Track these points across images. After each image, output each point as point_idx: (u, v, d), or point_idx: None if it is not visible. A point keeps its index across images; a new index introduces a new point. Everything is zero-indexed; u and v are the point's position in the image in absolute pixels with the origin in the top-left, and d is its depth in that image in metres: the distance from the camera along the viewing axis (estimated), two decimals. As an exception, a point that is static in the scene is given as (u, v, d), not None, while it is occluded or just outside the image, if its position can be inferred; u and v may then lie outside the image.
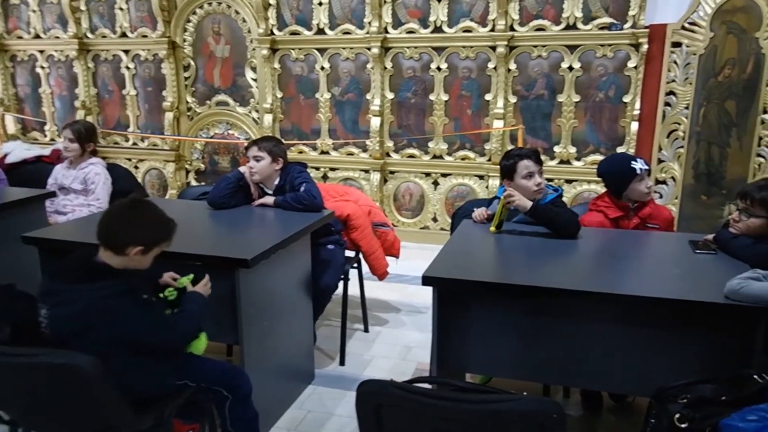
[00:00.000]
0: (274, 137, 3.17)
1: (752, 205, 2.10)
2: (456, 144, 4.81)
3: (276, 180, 2.92)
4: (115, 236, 1.76)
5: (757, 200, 2.07)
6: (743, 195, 2.12)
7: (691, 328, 1.90)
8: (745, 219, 2.13)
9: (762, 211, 2.07)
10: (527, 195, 2.53)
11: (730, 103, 3.87)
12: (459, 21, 4.53)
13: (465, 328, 2.10)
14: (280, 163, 2.90)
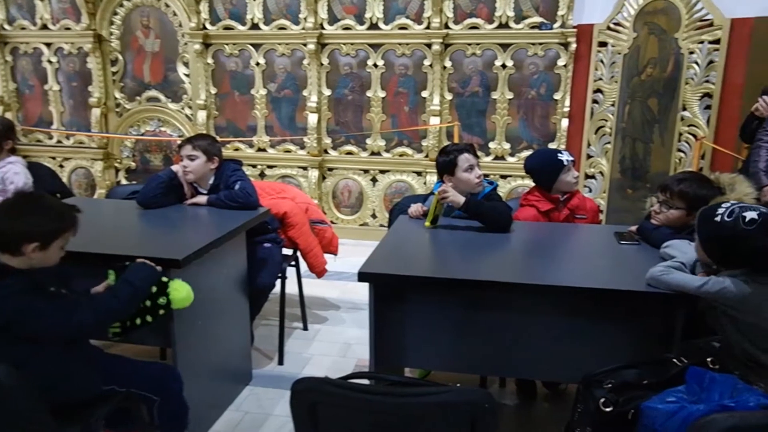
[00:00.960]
0: (209, 135, 3.08)
1: (671, 198, 2.21)
2: (394, 140, 4.83)
3: (211, 179, 2.85)
4: (4, 236, 1.66)
5: (676, 193, 2.17)
6: (663, 188, 2.23)
7: (616, 316, 1.98)
8: (665, 211, 2.23)
9: (681, 203, 2.18)
10: (469, 188, 2.58)
11: (652, 100, 4.05)
12: (394, 18, 4.54)
13: (402, 323, 2.12)
14: (215, 162, 2.83)
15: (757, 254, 1.63)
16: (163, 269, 1.98)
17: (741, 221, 1.64)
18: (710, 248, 1.75)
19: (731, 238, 1.65)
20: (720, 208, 1.72)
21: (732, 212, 1.68)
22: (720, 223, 1.68)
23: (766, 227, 1.62)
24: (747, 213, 1.65)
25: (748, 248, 1.64)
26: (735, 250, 1.66)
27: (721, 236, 1.68)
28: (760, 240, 1.61)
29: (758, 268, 1.64)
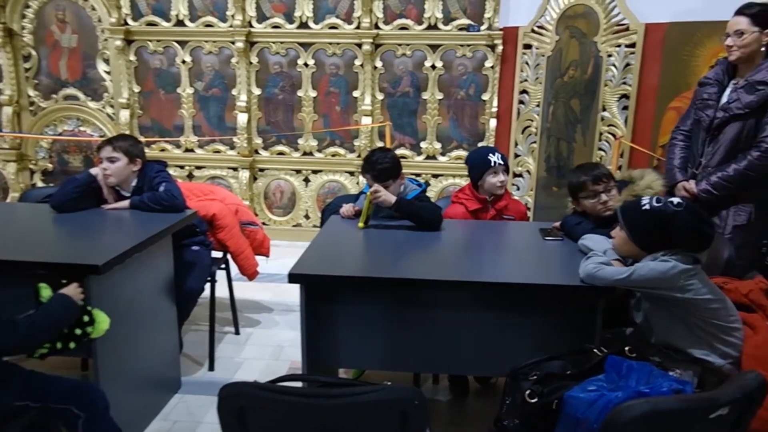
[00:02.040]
0: (130, 135, 2.95)
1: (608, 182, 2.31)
2: (326, 140, 4.80)
3: (133, 181, 2.73)
4: None
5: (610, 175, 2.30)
6: (597, 179, 2.31)
7: (542, 309, 2.04)
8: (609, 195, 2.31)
9: (612, 182, 2.31)
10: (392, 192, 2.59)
11: (574, 101, 4.21)
12: (324, 17, 4.52)
13: (334, 323, 2.11)
14: (138, 164, 2.71)
15: (684, 233, 1.77)
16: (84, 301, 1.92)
17: (668, 204, 1.79)
18: (640, 235, 1.84)
19: (662, 220, 1.79)
20: (644, 199, 1.86)
21: (659, 200, 1.83)
22: (650, 210, 1.81)
23: (690, 209, 1.78)
24: (673, 198, 1.82)
25: (677, 228, 1.77)
26: (665, 231, 1.79)
27: (652, 220, 1.80)
28: (687, 218, 1.76)
29: (684, 247, 1.77)
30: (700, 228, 1.78)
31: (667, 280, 1.74)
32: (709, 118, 2.57)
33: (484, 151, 2.75)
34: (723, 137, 2.53)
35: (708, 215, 1.81)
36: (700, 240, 1.79)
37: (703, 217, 1.81)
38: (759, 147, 2.46)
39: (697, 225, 1.77)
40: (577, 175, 2.37)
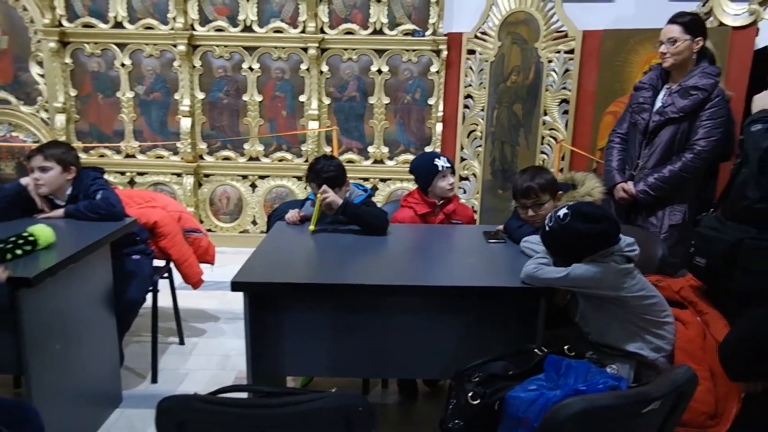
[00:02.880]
0: (62, 142, 2.83)
1: (538, 195, 2.35)
2: (272, 145, 4.75)
3: (68, 190, 2.62)
4: None
5: (539, 188, 2.32)
6: (525, 193, 2.34)
7: (486, 311, 2.06)
8: (537, 210, 2.37)
9: (546, 196, 2.33)
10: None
11: (517, 106, 4.31)
12: (269, 21, 4.47)
13: (280, 330, 2.08)
14: (72, 171, 2.60)
15: (580, 239, 1.83)
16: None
17: (558, 219, 1.86)
18: (557, 253, 1.94)
19: (560, 237, 1.87)
20: (546, 219, 1.95)
21: (551, 218, 1.91)
22: (549, 231, 1.91)
23: (575, 215, 1.84)
24: (560, 212, 1.88)
25: (573, 238, 1.84)
26: (569, 245, 1.87)
27: (555, 239, 1.90)
28: (575, 225, 1.83)
29: (593, 251, 1.83)
30: (589, 231, 1.81)
31: (601, 279, 1.80)
32: (645, 121, 2.67)
33: (429, 157, 2.78)
34: (658, 140, 2.64)
35: (596, 214, 1.84)
36: (595, 241, 1.83)
37: (590, 218, 1.83)
38: (692, 149, 2.57)
39: (585, 229, 1.81)
40: (516, 181, 2.41)
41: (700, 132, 2.55)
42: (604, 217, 1.87)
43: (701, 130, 2.54)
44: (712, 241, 1.87)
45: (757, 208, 1.88)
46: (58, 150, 2.58)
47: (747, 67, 3.47)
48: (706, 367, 1.80)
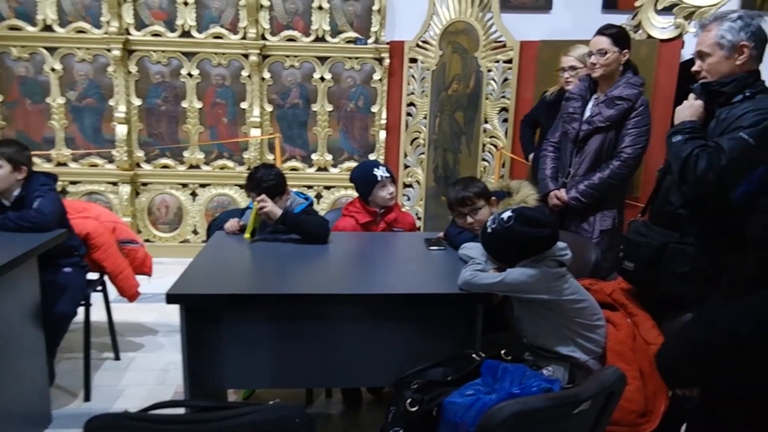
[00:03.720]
0: (15, 141, 2.71)
1: (474, 202, 2.39)
2: (213, 153, 4.66)
3: (16, 191, 2.54)
4: None
5: (474, 196, 2.37)
6: (461, 202, 2.39)
7: (427, 317, 2.08)
8: (475, 216, 2.42)
9: (481, 201, 2.38)
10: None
11: (459, 114, 4.38)
12: (208, 26, 4.40)
13: (219, 343, 2.03)
14: (23, 172, 2.54)
15: (522, 242, 1.88)
16: None
17: (501, 222, 1.91)
18: (496, 255, 1.98)
19: (502, 239, 1.91)
20: (488, 221, 1.98)
21: (494, 220, 1.94)
22: (492, 233, 1.94)
23: (519, 218, 1.89)
24: (503, 215, 1.92)
25: (514, 241, 1.88)
26: (510, 248, 1.91)
27: (497, 239, 1.93)
28: (518, 228, 1.87)
29: (532, 254, 1.88)
30: (532, 235, 1.87)
31: (535, 283, 1.85)
32: (575, 130, 2.77)
33: (368, 167, 2.78)
34: (588, 148, 2.74)
35: (540, 219, 1.90)
36: (537, 244, 1.89)
37: (534, 223, 1.89)
38: (619, 157, 2.68)
39: (529, 233, 1.86)
40: (449, 193, 2.46)
41: (626, 140, 2.66)
42: (547, 222, 1.92)
43: (627, 138, 2.66)
44: (640, 246, 1.94)
45: (679, 213, 1.97)
46: (10, 149, 2.52)
47: (674, 78, 3.64)
48: (635, 367, 1.87)
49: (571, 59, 3.13)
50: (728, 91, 1.93)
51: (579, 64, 3.08)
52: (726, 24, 1.94)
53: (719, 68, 1.97)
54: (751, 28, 1.92)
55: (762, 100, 1.88)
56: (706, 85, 1.99)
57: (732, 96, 1.92)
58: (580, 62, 3.08)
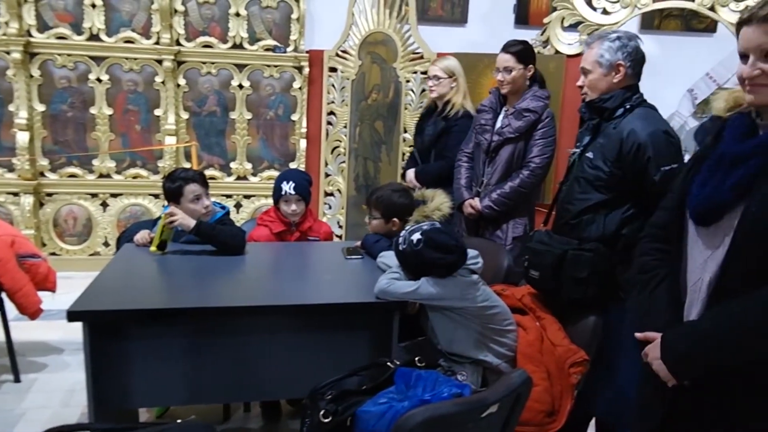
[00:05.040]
0: None
1: (371, 208, 2.45)
2: (126, 161, 4.48)
3: None
4: None
5: (373, 202, 2.43)
6: (367, 202, 2.48)
7: (344, 327, 2.09)
8: (369, 222, 2.47)
9: (377, 212, 2.43)
10: (195, 217, 2.50)
11: (378, 123, 4.43)
12: (119, 30, 4.23)
13: (128, 361, 1.95)
14: None
15: (430, 264, 1.94)
16: None
17: (411, 244, 1.96)
18: (406, 269, 2.03)
19: (411, 260, 1.98)
20: (400, 237, 2.03)
21: (405, 239, 1.99)
22: (402, 251, 2.00)
23: (428, 243, 1.94)
24: (413, 236, 1.97)
25: (423, 262, 1.94)
26: (419, 266, 1.97)
27: (407, 259, 2.00)
28: (427, 254, 1.93)
29: (439, 274, 1.94)
30: (439, 261, 1.93)
31: (448, 292, 1.90)
32: (487, 141, 2.87)
33: (282, 176, 2.77)
34: (499, 158, 2.84)
35: (448, 245, 1.95)
36: (441, 269, 1.94)
37: (442, 248, 1.94)
38: (528, 166, 2.80)
39: (436, 258, 1.92)
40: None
41: (534, 150, 2.78)
42: (456, 248, 1.96)
43: (535, 148, 2.78)
44: (542, 254, 2.04)
45: (576, 221, 2.09)
46: None
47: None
48: (543, 369, 1.96)
49: (435, 69, 3.25)
50: (610, 107, 2.07)
51: (443, 74, 3.20)
52: (606, 44, 2.08)
53: (598, 85, 2.11)
54: (627, 48, 2.07)
55: (639, 114, 2.03)
56: (589, 103, 2.13)
57: (614, 110, 2.06)
58: (444, 73, 3.20)
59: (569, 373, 1.93)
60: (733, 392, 1.26)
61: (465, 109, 3.19)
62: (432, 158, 3.25)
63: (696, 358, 1.27)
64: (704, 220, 1.30)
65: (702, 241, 1.32)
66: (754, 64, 1.22)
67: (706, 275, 1.29)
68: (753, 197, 1.20)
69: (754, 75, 1.22)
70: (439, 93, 3.22)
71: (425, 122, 3.38)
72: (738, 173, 1.24)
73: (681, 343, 1.29)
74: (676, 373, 1.30)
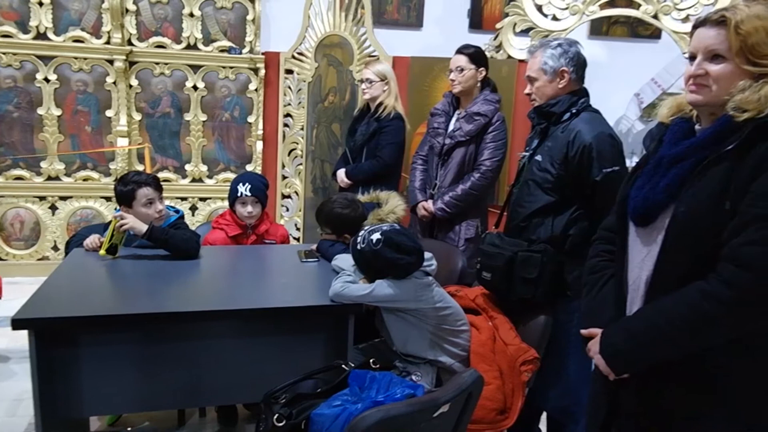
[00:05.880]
0: None
1: (321, 225, 2.50)
2: (75, 163, 4.36)
3: None
4: None
5: (322, 221, 2.50)
6: (317, 218, 2.53)
7: (300, 330, 2.10)
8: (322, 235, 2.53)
9: (328, 229, 2.46)
10: (147, 221, 2.46)
11: (335, 125, 4.43)
12: (67, 29, 4.12)
13: (77, 369, 1.91)
14: None
15: (389, 265, 1.95)
16: None
17: (370, 243, 1.96)
18: (362, 269, 2.05)
19: (370, 260, 1.98)
20: (359, 237, 2.03)
21: (364, 239, 1.99)
22: (361, 250, 2.00)
23: (388, 243, 1.95)
24: (373, 236, 1.97)
25: (382, 262, 1.96)
26: (376, 266, 1.98)
27: (365, 259, 2.00)
28: (386, 254, 1.94)
29: (396, 275, 1.96)
30: (398, 262, 1.95)
31: (403, 294, 1.93)
32: (440, 144, 2.92)
33: (238, 179, 2.77)
34: (451, 161, 2.89)
35: (407, 246, 1.97)
36: (399, 270, 1.97)
37: (401, 249, 1.96)
38: (479, 169, 2.86)
39: (395, 259, 1.94)
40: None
41: (485, 153, 2.84)
42: (414, 249, 1.99)
43: (486, 151, 2.84)
44: (494, 256, 2.08)
45: (525, 224, 2.15)
46: None
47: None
48: (496, 368, 2.00)
49: (368, 72, 3.28)
50: (557, 111, 2.13)
51: (375, 78, 3.24)
52: (548, 51, 2.15)
53: (545, 91, 2.18)
54: (569, 54, 2.14)
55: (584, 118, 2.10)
56: (537, 108, 2.20)
57: (562, 115, 2.13)
58: (376, 76, 3.24)
59: (520, 371, 1.98)
60: (669, 386, 1.33)
61: (396, 111, 3.23)
62: (363, 157, 3.27)
63: (630, 353, 1.33)
64: (641, 220, 1.36)
65: (640, 240, 1.38)
66: (700, 64, 1.29)
67: (644, 273, 1.36)
68: (682, 197, 1.27)
69: (698, 74, 1.28)
70: (371, 95, 3.24)
71: (357, 123, 3.39)
72: (670, 174, 1.30)
73: (617, 338, 1.36)
74: (614, 367, 1.36)
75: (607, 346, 1.37)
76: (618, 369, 1.36)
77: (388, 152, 3.14)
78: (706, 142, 1.28)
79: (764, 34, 1.21)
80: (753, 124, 1.21)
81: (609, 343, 1.37)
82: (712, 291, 1.21)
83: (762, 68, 1.22)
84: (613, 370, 1.36)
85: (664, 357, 1.30)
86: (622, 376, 1.37)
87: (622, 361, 1.35)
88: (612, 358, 1.36)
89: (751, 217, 1.19)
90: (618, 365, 1.36)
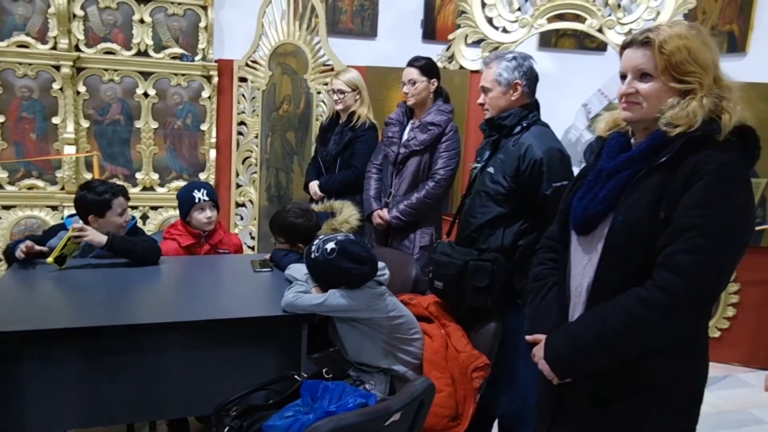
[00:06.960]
0: None
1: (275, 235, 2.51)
2: (20, 171, 4.20)
3: None
4: None
5: (275, 231, 2.49)
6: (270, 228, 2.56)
7: (253, 341, 2.09)
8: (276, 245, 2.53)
9: (281, 239, 2.47)
10: (115, 229, 2.43)
11: (290, 134, 4.42)
12: (11, 34, 3.98)
13: (18, 384, 1.86)
14: None
15: (343, 274, 1.97)
16: None
17: (325, 253, 1.97)
18: (316, 278, 2.06)
19: (324, 268, 1.99)
20: (313, 246, 2.04)
21: (318, 248, 2.00)
22: (315, 259, 2.01)
23: (342, 253, 1.96)
24: (327, 245, 1.99)
25: (336, 272, 1.97)
26: (330, 276, 1.99)
27: (319, 268, 2.01)
28: (340, 264, 1.96)
29: (350, 285, 1.97)
30: (352, 271, 1.97)
31: (356, 304, 1.94)
32: (395, 153, 2.95)
33: (190, 187, 2.74)
34: (406, 170, 2.93)
35: (361, 256, 1.99)
36: (353, 279, 1.99)
37: (355, 259, 1.98)
38: (433, 178, 2.90)
39: (349, 268, 1.96)
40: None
41: (439, 162, 2.90)
42: (368, 259, 2.01)
43: (440, 160, 2.89)
44: (445, 266, 2.12)
45: (476, 234, 2.20)
46: None
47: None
48: (448, 375, 2.04)
49: (339, 83, 3.33)
50: (508, 124, 2.19)
51: (347, 88, 3.28)
52: (503, 63, 2.22)
53: (498, 103, 2.24)
54: (523, 68, 2.21)
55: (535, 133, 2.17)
56: (489, 120, 2.26)
57: (513, 128, 2.19)
58: (348, 86, 3.28)
59: (472, 377, 2.02)
60: (611, 390, 1.38)
61: (370, 120, 3.27)
62: (337, 167, 3.29)
63: (572, 358, 1.39)
64: (582, 229, 1.42)
65: (581, 248, 1.44)
66: (630, 83, 1.35)
67: (585, 280, 1.41)
68: (620, 207, 1.33)
69: (629, 92, 1.35)
70: (345, 106, 3.27)
71: (328, 133, 3.41)
72: (609, 186, 1.37)
73: (559, 344, 1.41)
74: (557, 372, 1.41)
75: (551, 352, 1.42)
76: (561, 374, 1.41)
77: (363, 162, 3.17)
78: (641, 155, 1.34)
79: (686, 53, 1.28)
80: (684, 138, 1.27)
81: (552, 349, 1.42)
82: (648, 296, 1.27)
83: (687, 85, 1.29)
84: (556, 375, 1.41)
85: (605, 361, 1.35)
86: (565, 380, 1.42)
87: (565, 366, 1.40)
88: (555, 363, 1.41)
89: (683, 226, 1.25)
90: (561, 370, 1.40)
